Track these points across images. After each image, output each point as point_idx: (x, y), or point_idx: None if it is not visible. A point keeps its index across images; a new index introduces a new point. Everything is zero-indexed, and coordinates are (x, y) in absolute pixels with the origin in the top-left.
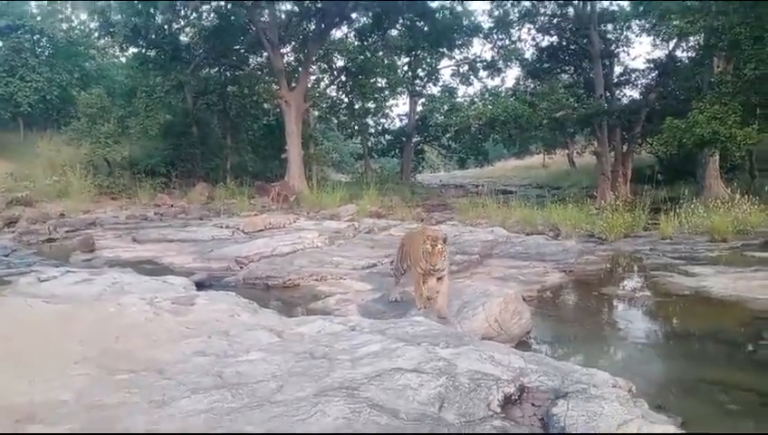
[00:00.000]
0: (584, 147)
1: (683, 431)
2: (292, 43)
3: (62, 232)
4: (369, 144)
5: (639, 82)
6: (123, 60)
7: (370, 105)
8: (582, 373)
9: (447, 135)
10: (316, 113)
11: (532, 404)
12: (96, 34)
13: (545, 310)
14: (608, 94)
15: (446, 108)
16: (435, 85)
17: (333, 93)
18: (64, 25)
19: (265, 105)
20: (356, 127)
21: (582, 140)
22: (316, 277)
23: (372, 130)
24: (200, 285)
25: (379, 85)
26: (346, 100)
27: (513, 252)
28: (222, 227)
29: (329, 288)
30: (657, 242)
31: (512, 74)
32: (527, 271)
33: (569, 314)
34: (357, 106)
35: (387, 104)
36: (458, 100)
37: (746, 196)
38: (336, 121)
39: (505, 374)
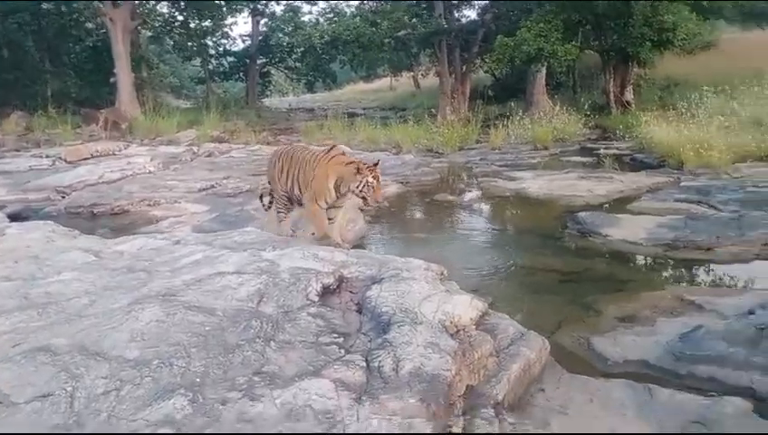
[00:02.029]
0: (428, 69)
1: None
2: None
3: None
4: (211, 67)
5: (476, 2)
6: None
7: (207, 24)
8: (400, 262)
9: (293, 56)
10: (148, 33)
11: (350, 292)
12: None
13: (381, 217)
14: (448, 14)
15: (290, 28)
16: (278, 4)
17: (165, 11)
18: None
19: (88, 24)
20: (194, 48)
21: (427, 63)
22: (148, 202)
23: (213, 52)
24: (15, 218)
25: (216, 2)
26: (180, 18)
27: None
28: (42, 157)
29: (162, 212)
30: (487, 153)
31: None
32: None
33: (402, 219)
34: (193, 25)
35: (226, 23)
36: (303, 19)
37: (567, 109)
38: (172, 42)
39: (326, 268)
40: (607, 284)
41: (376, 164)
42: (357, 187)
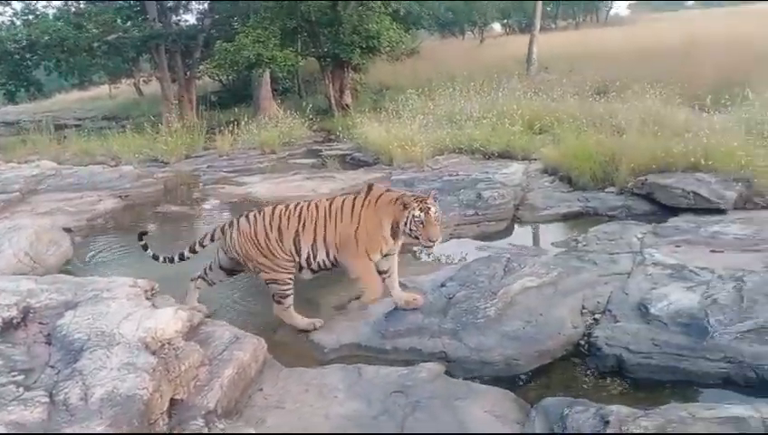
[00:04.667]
0: (150, 75)
1: None
2: None
3: None
4: None
5: (194, 7)
6: None
7: None
8: (102, 283)
9: None
10: None
11: (40, 323)
12: None
13: (93, 236)
14: (164, 18)
15: None
16: None
17: None
18: None
19: None
20: None
21: (149, 69)
22: None
23: None
24: None
25: None
26: None
27: (64, 184)
28: None
29: None
30: (215, 159)
31: None
32: (78, 202)
33: (117, 237)
34: None
35: None
36: None
37: (293, 113)
38: None
39: (7, 300)
40: (326, 277)
41: (429, 196)
42: (404, 224)
